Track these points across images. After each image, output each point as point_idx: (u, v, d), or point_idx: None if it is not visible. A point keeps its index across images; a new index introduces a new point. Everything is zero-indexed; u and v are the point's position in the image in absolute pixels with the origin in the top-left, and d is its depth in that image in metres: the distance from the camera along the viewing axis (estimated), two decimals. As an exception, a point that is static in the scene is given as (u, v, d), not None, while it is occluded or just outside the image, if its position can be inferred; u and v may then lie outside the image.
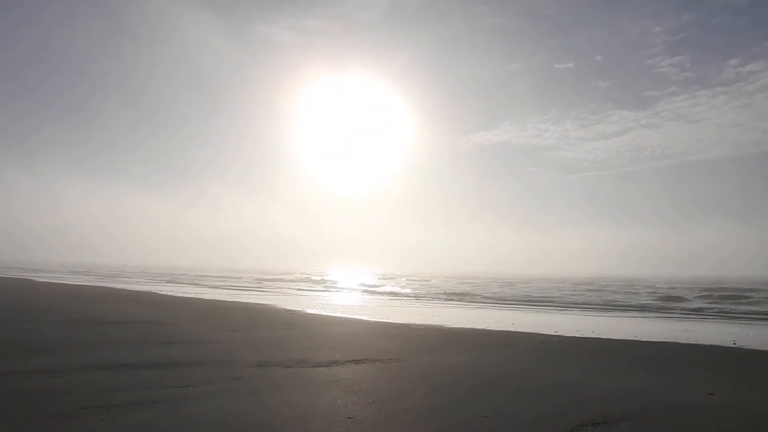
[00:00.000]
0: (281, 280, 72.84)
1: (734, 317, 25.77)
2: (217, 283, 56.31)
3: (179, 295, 32.97)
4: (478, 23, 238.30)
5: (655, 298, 39.56)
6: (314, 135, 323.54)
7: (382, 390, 7.70)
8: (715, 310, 29.90)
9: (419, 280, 77.13)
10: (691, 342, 15.28)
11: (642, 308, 30.99)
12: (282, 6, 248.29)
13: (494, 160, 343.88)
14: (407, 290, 49.65)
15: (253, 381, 8.09)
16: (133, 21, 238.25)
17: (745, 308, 31.00)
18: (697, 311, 29.07)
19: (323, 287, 53.12)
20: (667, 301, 36.49)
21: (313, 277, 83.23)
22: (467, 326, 18.81)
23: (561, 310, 29.43)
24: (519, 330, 17.84)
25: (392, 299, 36.85)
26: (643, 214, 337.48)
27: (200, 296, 32.04)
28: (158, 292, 35.33)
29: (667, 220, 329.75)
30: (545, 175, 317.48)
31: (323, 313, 23.23)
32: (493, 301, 36.07)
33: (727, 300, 37.35)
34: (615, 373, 9.73)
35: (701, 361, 11.61)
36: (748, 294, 42.34)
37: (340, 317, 21.27)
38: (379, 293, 44.45)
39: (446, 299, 37.49)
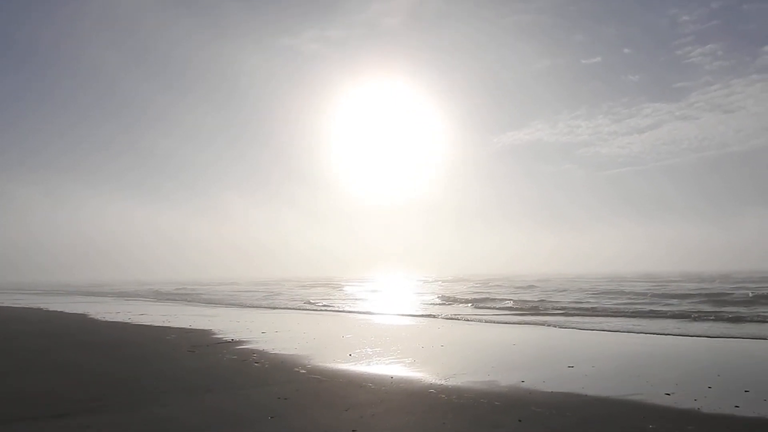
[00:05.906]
0: (296, 289, 64.69)
1: None
2: (207, 297, 48.54)
3: (106, 319, 25.11)
4: (501, 22, 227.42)
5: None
6: (345, 145, 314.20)
7: None
8: None
9: (451, 286, 67.91)
10: None
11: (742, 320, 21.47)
12: (306, 18, 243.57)
13: (526, 159, 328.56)
14: (434, 300, 40.88)
15: None
16: (147, 37, 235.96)
17: None
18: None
19: (332, 298, 44.74)
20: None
21: (327, 288, 74.99)
22: (476, 381, 10.02)
23: (616, 326, 20.16)
24: (587, 392, 8.97)
25: (403, 317, 28.38)
26: (683, 209, 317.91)
27: (128, 319, 24.07)
28: (87, 314, 27.58)
29: (707, 215, 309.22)
30: (579, 173, 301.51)
31: (263, 347, 14.69)
32: (559, 311, 27.09)
33: None
34: None
35: None
36: None
37: (277, 356, 12.66)
38: (392, 310, 35.92)
39: (470, 313, 28.66)
